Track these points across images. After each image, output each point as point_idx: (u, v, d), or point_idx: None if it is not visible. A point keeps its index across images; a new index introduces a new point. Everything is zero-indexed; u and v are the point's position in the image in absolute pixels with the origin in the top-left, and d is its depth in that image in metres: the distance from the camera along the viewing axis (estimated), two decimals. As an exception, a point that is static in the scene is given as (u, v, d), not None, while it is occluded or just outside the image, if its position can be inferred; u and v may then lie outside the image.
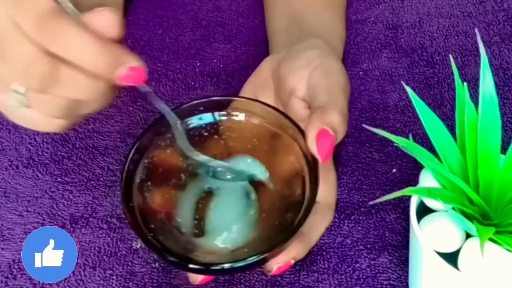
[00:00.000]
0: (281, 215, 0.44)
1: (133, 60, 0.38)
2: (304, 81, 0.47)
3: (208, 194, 0.46)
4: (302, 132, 0.44)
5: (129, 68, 0.38)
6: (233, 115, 0.48)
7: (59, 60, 0.37)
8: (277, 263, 0.43)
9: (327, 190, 0.46)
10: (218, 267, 0.40)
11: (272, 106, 0.47)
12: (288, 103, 0.48)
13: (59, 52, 0.36)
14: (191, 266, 0.40)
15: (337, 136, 0.42)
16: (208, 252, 0.43)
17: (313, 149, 0.42)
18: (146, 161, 0.45)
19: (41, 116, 0.40)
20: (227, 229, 0.44)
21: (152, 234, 0.42)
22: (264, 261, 0.41)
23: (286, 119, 0.45)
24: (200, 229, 0.45)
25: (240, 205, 0.46)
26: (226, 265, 0.40)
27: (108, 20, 0.37)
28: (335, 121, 0.42)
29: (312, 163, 0.43)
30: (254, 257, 0.40)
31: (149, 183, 0.45)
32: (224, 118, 0.48)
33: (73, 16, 0.37)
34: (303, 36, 0.54)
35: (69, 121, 0.41)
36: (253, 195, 0.46)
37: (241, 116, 0.48)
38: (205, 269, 0.41)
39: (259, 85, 0.51)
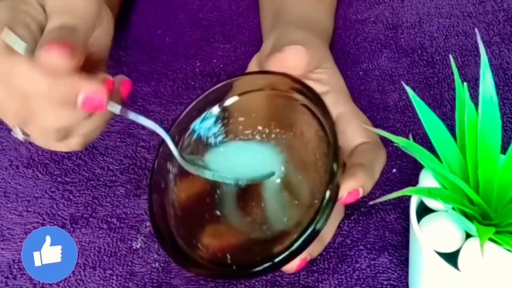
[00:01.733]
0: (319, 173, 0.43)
1: (89, 87, 0.38)
2: None
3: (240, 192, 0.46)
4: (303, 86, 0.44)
5: (85, 97, 0.39)
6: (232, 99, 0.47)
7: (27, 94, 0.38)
8: (347, 188, 0.42)
9: (365, 130, 0.47)
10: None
11: (264, 71, 0.46)
12: None
13: (18, 89, 0.38)
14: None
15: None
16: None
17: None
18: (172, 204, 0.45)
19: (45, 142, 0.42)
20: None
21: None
22: (335, 200, 0.40)
23: (282, 76, 0.45)
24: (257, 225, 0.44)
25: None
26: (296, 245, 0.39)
27: (58, 59, 0.37)
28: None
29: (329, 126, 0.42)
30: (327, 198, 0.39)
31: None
32: (226, 106, 0.47)
33: (26, 52, 0.38)
34: (286, 26, 0.54)
35: (78, 139, 0.42)
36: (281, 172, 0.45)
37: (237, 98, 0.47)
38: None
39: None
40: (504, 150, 0.39)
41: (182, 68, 0.62)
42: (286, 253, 0.39)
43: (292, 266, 0.43)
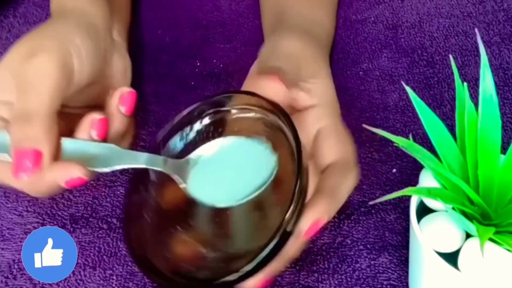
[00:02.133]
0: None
1: (66, 177, 0.41)
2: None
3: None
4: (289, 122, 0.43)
5: (66, 182, 0.41)
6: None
7: None
8: (307, 223, 0.41)
9: (342, 147, 0.46)
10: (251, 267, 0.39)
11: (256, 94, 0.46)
12: None
13: None
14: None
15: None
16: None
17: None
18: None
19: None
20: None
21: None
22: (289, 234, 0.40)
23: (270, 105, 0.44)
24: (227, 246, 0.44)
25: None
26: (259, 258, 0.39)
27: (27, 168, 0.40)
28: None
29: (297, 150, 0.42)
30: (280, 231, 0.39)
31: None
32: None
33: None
34: (285, 31, 0.54)
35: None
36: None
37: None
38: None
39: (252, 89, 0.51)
40: (504, 150, 0.39)
41: (182, 68, 0.62)
42: (235, 276, 0.39)
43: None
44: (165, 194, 0.46)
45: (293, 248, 0.41)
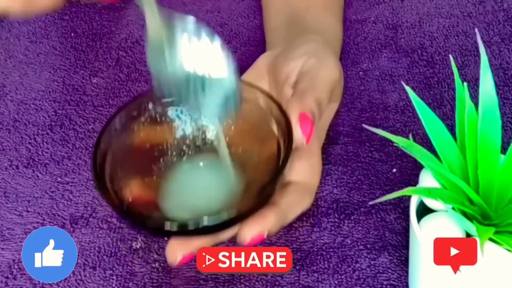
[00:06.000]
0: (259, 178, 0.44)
1: None
2: (296, 70, 0.48)
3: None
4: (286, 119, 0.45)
5: None
6: None
7: None
8: (251, 233, 0.42)
9: (310, 172, 0.47)
10: (193, 224, 0.40)
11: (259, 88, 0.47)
12: (281, 92, 0.49)
13: None
14: (167, 226, 0.40)
15: (315, 120, 0.44)
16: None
17: (297, 128, 0.44)
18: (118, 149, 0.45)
19: None
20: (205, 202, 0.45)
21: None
22: (240, 217, 0.41)
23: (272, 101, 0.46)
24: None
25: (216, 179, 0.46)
26: (203, 221, 0.40)
27: None
28: (312, 106, 0.44)
29: (286, 129, 0.43)
30: (229, 213, 0.40)
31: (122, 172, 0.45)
32: None
33: None
34: (304, 32, 0.54)
35: None
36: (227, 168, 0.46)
37: None
38: (181, 228, 0.40)
39: (254, 78, 0.51)
40: (504, 150, 0.39)
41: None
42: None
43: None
44: (147, 132, 0.47)
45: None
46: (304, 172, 0.47)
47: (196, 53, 0.43)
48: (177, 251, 0.44)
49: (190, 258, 0.44)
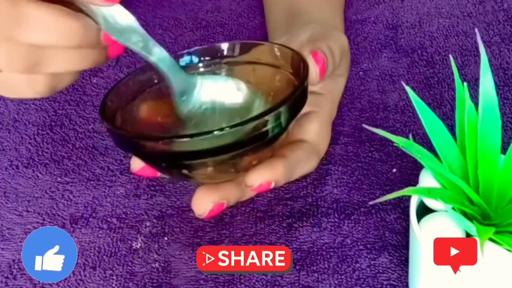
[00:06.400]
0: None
1: None
2: (303, 44, 0.49)
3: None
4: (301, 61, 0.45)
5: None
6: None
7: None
8: (260, 178, 0.43)
9: (320, 136, 0.49)
10: (207, 135, 0.38)
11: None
12: None
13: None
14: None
15: (327, 64, 0.46)
16: None
17: (311, 61, 0.45)
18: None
19: (10, 75, 0.38)
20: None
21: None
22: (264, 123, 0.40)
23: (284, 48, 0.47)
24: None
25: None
26: (217, 132, 0.38)
27: None
28: (323, 48, 0.46)
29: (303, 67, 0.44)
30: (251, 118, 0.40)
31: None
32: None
33: None
34: (305, 23, 0.54)
35: (46, 78, 0.39)
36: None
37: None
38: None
39: None
40: (504, 150, 0.39)
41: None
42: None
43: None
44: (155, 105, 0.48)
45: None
46: (314, 134, 0.48)
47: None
48: (205, 198, 0.42)
49: (220, 210, 0.43)
